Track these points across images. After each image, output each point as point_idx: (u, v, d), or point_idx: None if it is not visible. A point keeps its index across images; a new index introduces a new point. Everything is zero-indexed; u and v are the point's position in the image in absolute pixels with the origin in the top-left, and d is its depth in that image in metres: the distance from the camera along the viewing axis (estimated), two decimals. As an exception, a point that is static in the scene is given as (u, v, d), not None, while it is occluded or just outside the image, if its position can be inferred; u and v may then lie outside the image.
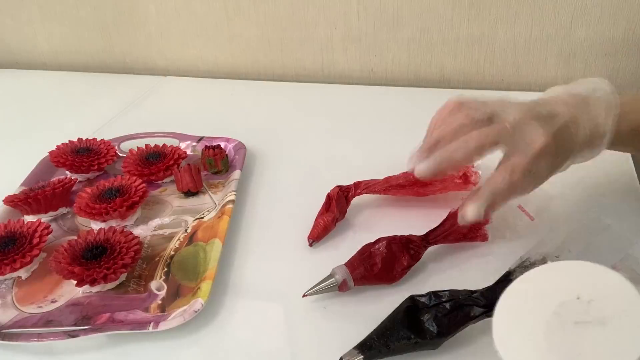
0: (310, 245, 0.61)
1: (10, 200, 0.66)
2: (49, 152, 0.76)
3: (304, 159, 0.79)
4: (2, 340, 0.50)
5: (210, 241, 0.61)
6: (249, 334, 0.52)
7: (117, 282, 0.57)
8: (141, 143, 0.78)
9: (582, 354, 0.27)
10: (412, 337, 0.44)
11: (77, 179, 0.73)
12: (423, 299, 0.47)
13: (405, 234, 0.58)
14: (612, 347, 0.26)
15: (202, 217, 0.66)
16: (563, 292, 0.29)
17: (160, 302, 0.55)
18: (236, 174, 0.72)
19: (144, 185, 0.68)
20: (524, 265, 0.46)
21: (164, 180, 0.74)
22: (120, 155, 0.79)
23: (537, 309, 0.29)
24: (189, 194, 0.71)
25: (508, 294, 0.31)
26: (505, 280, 0.45)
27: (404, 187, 0.65)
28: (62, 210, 0.68)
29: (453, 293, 0.47)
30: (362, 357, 0.45)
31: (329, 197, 0.63)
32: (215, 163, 0.74)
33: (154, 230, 0.65)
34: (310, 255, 0.60)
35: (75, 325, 0.52)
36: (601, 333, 0.27)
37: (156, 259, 0.60)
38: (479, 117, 0.47)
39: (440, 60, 0.97)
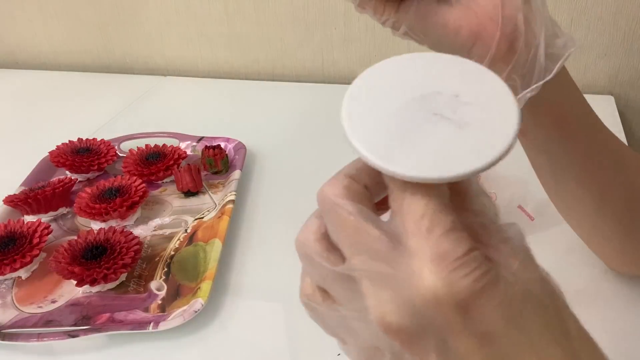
0: (310, 245, 0.61)
1: (10, 200, 0.66)
2: (49, 152, 0.76)
3: (304, 159, 0.79)
4: (2, 340, 0.50)
5: (210, 241, 0.61)
6: (249, 334, 0.52)
7: (117, 282, 0.57)
8: (141, 143, 0.78)
9: (432, 145, 0.23)
10: None
11: (77, 179, 0.73)
12: None
13: (405, 234, 0.57)
14: (466, 147, 0.23)
15: (202, 217, 0.66)
16: (432, 82, 0.26)
17: (160, 302, 0.55)
18: (236, 174, 0.72)
19: (144, 185, 0.68)
20: None
21: (164, 180, 0.74)
22: (120, 155, 0.79)
23: (397, 94, 0.25)
24: (189, 194, 0.71)
25: (364, 76, 0.26)
26: None
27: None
28: (62, 210, 0.68)
29: None
30: None
31: (329, 197, 0.63)
32: (215, 163, 0.74)
33: (154, 230, 0.65)
34: (310, 255, 0.60)
35: (75, 325, 0.52)
36: (460, 132, 0.24)
37: (156, 259, 0.60)
38: None
39: (440, 60, 0.97)
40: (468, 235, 0.21)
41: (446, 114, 0.24)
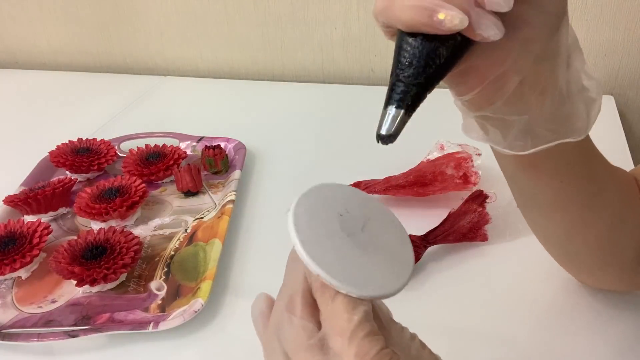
0: (310, 245, 0.61)
1: (10, 200, 0.66)
2: (49, 152, 0.76)
3: (304, 159, 0.79)
4: (2, 340, 0.50)
5: (210, 241, 0.61)
6: (249, 334, 0.52)
7: (117, 282, 0.57)
8: (141, 143, 0.78)
9: (355, 263, 0.30)
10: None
11: (77, 179, 0.73)
12: None
13: (405, 234, 0.58)
14: (380, 272, 0.31)
15: (202, 217, 0.66)
16: (344, 204, 0.33)
17: (160, 302, 0.55)
18: (236, 174, 0.72)
19: (144, 185, 0.68)
20: None
21: (164, 180, 0.74)
22: (120, 155, 0.79)
23: (329, 210, 0.32)
24: (189, 194, 0.71)
25: (305, 195, 0.33)
26: None
27: (404, 187, 0.65)
28: (62, 210, 0.68)
29: None
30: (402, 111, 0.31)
31: (329, 197, 0.63)
32: (215, 163, 0.74)
33: (154, 230, 0.65)
34: (310, 255, 0.60)
35: (75, 325, 0.52)
36: (370, 256, 0.31)
37: (156, 259, 0.60)
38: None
39: (440, 60, 0.97)
40: (381, 336, 0.28)
41: (360, 238, 0.31)
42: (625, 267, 0.47)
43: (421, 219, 0.60)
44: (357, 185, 0.65)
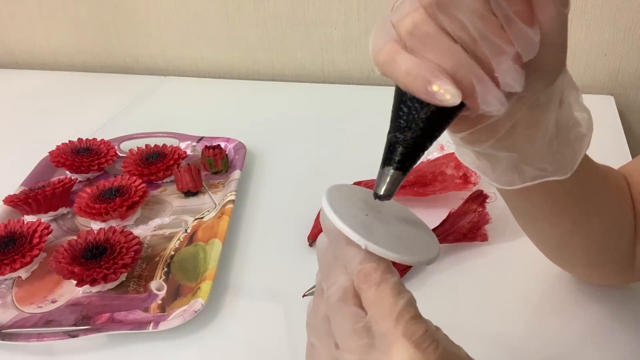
0: (310, 245, 0.61)
1: (10, 200, 0.65)
2: (49, 152, 0.76)
3: (304, 159, 0.79)
4: (2, 340, 0.50)
5: (210, 241, 0.61)
6: (249, 334, 0.52)
7: (117, 282, 0.57)
8: (141, 143, 0.78)
9: (390, 236, 0.32)
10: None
11: (77, 179, 0.73)
12: None
13: (405, 234, 0.57)
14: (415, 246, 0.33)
15: (202, 217, 0.66)
16: (362, 197, 0.35)
17: (160, 302, 0.55)
18: (236, 174, 0.72)
19: (144, 185, 0.68)
20: None
21: (164, 180, 0.74)
22: (120, 155, 0.79)
23: (351, 201, 0.34)
24: (189, 194, 0.71)
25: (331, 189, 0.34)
26: None
27: (403, 187, 0.65)
28: (62, 210, 0.68)
29: None
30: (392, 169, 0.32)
31: (329, 197, 0.63)
32: (215, 163, 0.74)
33: (154, 230, 0.65)
34: (310, 255, 0.60)
35: (75, 325, 0.52)
36: (400, 231, 0.33)
37: (156, 259, 0.60)
38: None
39: (440, 60, 0.97)
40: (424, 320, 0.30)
41: (384, 219, 0.33)
42: (619, 264, 0.47)
43: (421, 219, 0.60)
44: (357, 185, 0.65)
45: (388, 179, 0.31)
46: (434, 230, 0.58)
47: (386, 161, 0.31)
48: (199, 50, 1.09)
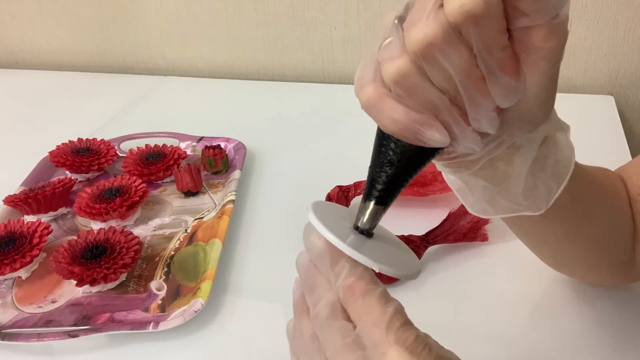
0: (310, 245, 0.61)
1: (10, 200, 0.66)
2: (49, 152, 0.76)
3: (304, 159, 0.79)
4: (2, 340, 0.50)
5: (210, 241, 0.61)
6: (249, 334, 0.52)
7: (117, 282, 0.57)
8: (141, 143, 0.78)
9: (376, 251, 0.31)
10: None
11: (77, 179, 0.73)
12: None
13: (405, 234, 0.58)
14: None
15: (202, 217, 0.66)
16: (343, 214, 0.35)
17: (160, 302, 0.55)
18: (236, 174, 0.72)
19: (144, 185, 0.68)
20: None
21: (164, 180, 0.74)
22: (120, 155, 0.79)
23: (336, 216, 0.34)
24: (189, 194, 0.71)
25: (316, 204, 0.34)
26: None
27: (404, 187, 0.65)
28: (62, 210, 0.68)
29: None
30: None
31: (329, 197, 0.63)
32: (215, 163, 0.74)
33: (154, 230, 0.65)
34: (310, 255, 0.60)
35: (75, 325, 0.52)
36: (385, 247, 0.33)
37: (156, 259, 0.60)
38: None
39: (440, 60, 0.97)
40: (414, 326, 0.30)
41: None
42: (618, 265, 0.47)
43: (421, 219, 0.60)
44: (357, 185, 0.65)
45: (368, 213, 0.32)
46: (434, 230, 0.59)
47: (367, 196, 0.32)
48: (198, 50, 1.09)
